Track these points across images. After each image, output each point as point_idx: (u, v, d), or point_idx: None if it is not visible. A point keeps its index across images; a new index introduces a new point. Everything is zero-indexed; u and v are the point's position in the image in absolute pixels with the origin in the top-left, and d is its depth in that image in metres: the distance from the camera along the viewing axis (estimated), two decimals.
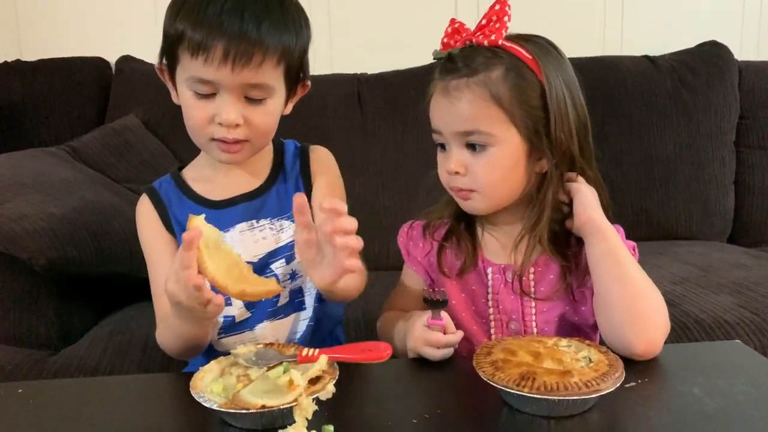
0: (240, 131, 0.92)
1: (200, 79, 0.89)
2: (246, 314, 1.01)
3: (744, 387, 0.75)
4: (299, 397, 0.66)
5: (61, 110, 1.89)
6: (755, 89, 1.99)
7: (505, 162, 0.88)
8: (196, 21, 0.87)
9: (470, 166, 0.89)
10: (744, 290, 1.39)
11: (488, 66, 0.87)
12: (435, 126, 0.92)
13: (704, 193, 1.90)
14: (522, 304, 0.93)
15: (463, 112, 0.87)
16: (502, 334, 0.94)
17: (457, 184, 0.91)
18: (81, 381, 1.02)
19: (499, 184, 0.90)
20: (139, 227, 1.04)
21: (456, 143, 0.90)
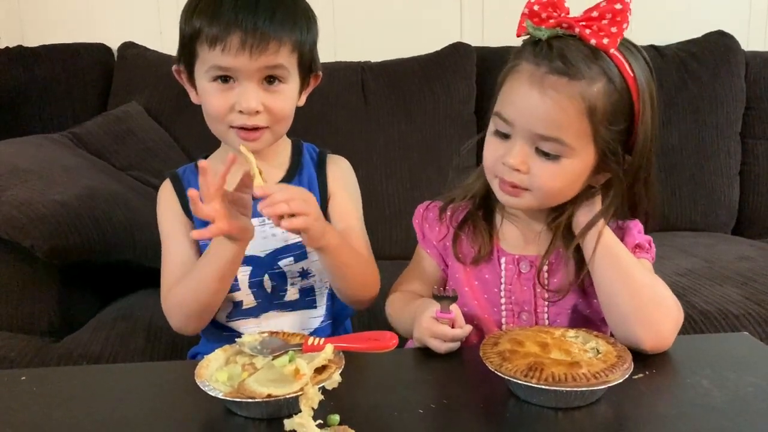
0: (260, 118, 0.94)
1: (220, 67, 0.93)
2: (253, 302, 1.03)
3: (752, 379, 0.75)
4: (305, 386, 0.66)
5: (63, 97, 1.88)
6: (762, 80, 1.97)
7: (572, 174, 0.84)
8: (212, 17, 0.91)
9: (534, 167, 0.83)
10: (749, 282, 1.39)
11: (592, 73, 0.80)
12: (508, 115, 0.84)
13: (709, 184, 1.89)
14: (535, 296, 0.92)
15: (553, 115, 0.80)
16: (514, 324, 0.92)
17: (512, 179, 0.85)
18: (84, 368, 1.02)
19: (558, 191, 0.86)
20: (159, 208, 1.06)
21: (526, 140, 0.83)
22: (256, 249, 1.01)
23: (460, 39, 1.99)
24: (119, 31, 1.98)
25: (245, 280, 1.02)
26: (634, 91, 0.82)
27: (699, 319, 1.24)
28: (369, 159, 1.79)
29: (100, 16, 2.03)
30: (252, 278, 1.02)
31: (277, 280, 1.03)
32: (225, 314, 1.03)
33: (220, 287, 0.95)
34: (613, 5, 0.79)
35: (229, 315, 1.04)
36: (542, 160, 0.83)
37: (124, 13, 2.03)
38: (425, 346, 0.84)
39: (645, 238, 0.91)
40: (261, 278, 1.02)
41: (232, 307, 1.03)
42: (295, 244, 1.02)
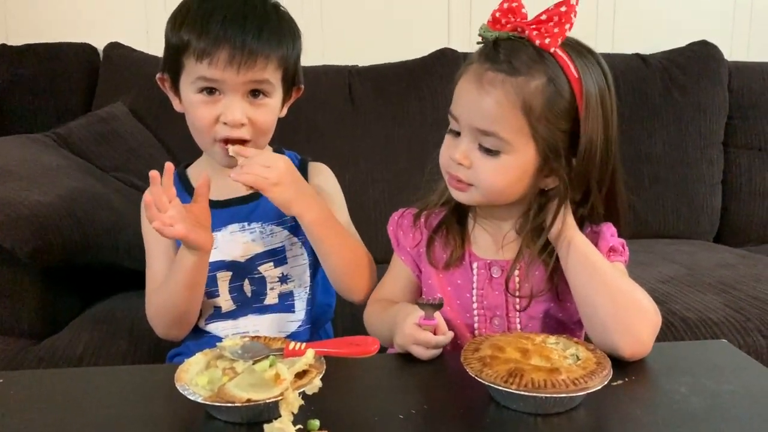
0: (244, 130, 0.96)
1: (206, 78, 0.94)
2: (232, 306, 1.04)
3: (730, 386, 0.75)
4: (285, 391, 0.66)
5: (48, 97, 1.86)
6: (744, 90, 2.00)
7: (513, 171, 0.85)
8: (200, 31, 0.92)
9: (476, 162, 0.86)
10: (729, 289, 1.40)
11: (531, 70, 0.82)
12: (455, 111, 0.87)
13: (692, 192, 1.91)
14: (506, 301, 0.92)
15: (488, 109, 0.83)
16: (486, 329, 0.93)
17: (459, 173, 0.87)
18: (63, 371, 1.01)
19: (501, 189, 0.87)
20: (142, 215, 1.06)
21: (470, 136, 0.86)
22: (236, 254, 1.02)
23: (448, 44, 2.00)
24: (105, 31, 1.96)
25: (225, 285, 1.03)
26: (578, 92, 0.83)
27: (679, 326, 1.25)
28: (355, 163, 1.79)
29: (85, 16, 2.02)
30: (232, 283, 1.03)
31: (256, 285, 1.03)
32: (204, 319, 1.04)
33: (191, 295, 0.97)
34: (559, 8, 0.83)
35: (208, 318, 1.04)
36: (484, 155, 0.85)
37: (110, 14, 2.02)
38: (408, 352, 0.84)
39: (618, 241, 0.91)
40: (241, 283, 1.03)
41: (212, 311, 1.03)
42: (275, 249, 1.03)
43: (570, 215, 0.87)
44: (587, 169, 0.85)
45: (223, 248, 1.02)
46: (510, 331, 0.91)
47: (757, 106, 1.99)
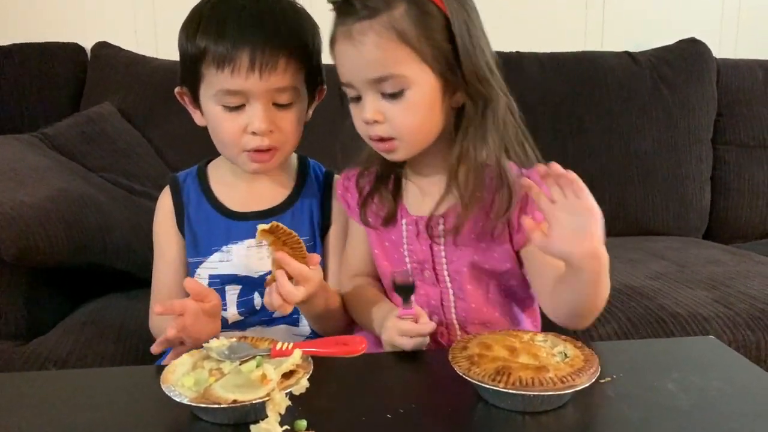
0: (272, 138, 0.93)
1: (229, 91, 0.90)
2: (239, 318, 1.02)
3: (718, 383, 0.76)
4: (272, 391, 0.66)
5: (35, 96, 1.85)
6: (732, 87, 2.01)
7: (423, 103, 0.85)
8: (218, 35, 0.89)
9: (388, 112, 0.85)
10: (719, 285, 1.40)
11: (389, 4, 0.82)
12: (345, 78, 0.87)
13: (681, 189, 1.92)
14: (432, 254, 0.93)
15: (371, 56, 0.83)
16: (420, 281, 0.95)
17: (377, 132, 0.87)
18: (48, 373, 1.00)
19: (419, 127, 0.87)
20: (155, 217, 1.06)
21: (369, 91, 0.85)
22: (250, 270, 1.00)
23: None
24: (93, 31, 1.95)
25: (233, 299, 1.00)
26: (438, 1, 0.83)
27: (669, 321, 1.25)
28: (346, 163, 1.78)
29: (73, 15, 2.01)
30: (241, 297, 1.01)
31: None
32: None
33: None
34: None
35: None
36: (390, 102, 0.85)
37: (99, 13, 2.01)
38: (395, 348, 0.85)
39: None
40: (251, 296, 1.01)
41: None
42: None
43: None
44: (477, 65, 0.85)
45: (237, 262, 1.00)
46: (439, 283, 0.94)
47: (745, 103, 2.00)
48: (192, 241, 1.01)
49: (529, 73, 1.92)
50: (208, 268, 1.00)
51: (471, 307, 0.95)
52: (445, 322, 0.96)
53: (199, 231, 1.01)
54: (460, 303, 0.95)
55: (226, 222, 0.99)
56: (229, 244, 0.99)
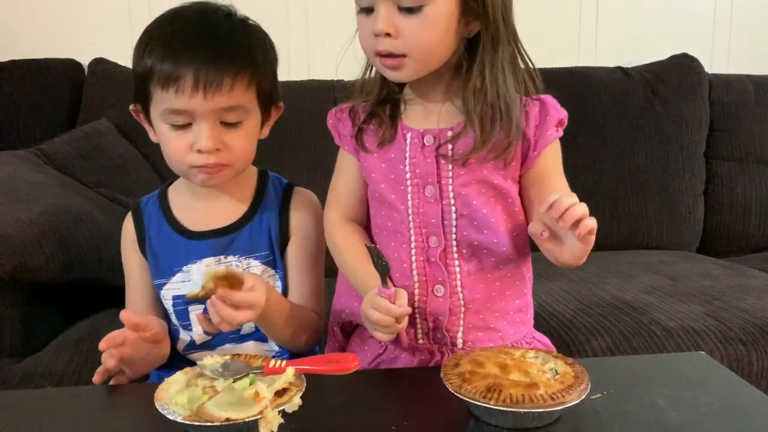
0: (220, 156, 0.92)
1: (174, 110, 0.90)
2: (206, 338, 1.01)
3: (708, 399, 0.76)
4: (265, 409, 0.66)
5: (32, 112, 1.86)
6: (725, 102, 2.03)
7: (440, 22, 0.83)
8: (163, 54, 0.89)
9: (402, 27, 0.83)
10: (711, 299, 1.41)
11: None
12: None
13: (674, 203, 1.93)
14: (438, 167, 0.90)
15: None
16: (419, 199, 0.91)
17: (386, 47, 0.84)
18: (42, 391, 1.00)
19: (432, 46, 0.85)
20: (121, 243, 1.07)
21: (385, 2, 0.83)
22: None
23: None
24: (90, 47, 1.96)
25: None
26: None
27: (662, 335, 1.26)
28: None
29: (70, 31, 2.02)
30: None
31: None
32: (182, 346, 1.03)
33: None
34: None
35: (185, 348, 1.03)
36: (407, 16, 0.83)
37: (95, 29, 2.02)
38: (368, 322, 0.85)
39: (563, 112, 0.93)
40: None
41: (189, 340, 1.02)
42: None
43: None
44: (495, 4, 0.85)
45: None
46: (443, 199, 0.91)
47: (737, 118, 2.02)
48: (154, 263, 1.01)
49: None
50: (171, 289, 1.00)
51: (474, 224, 0.91)
52: (444, 244, 0.92)
53: (160, 253, 1.01)
54: (463, 221, 0.91)
55: (185, 242, 0.99)
56: (189, 264, 0.99)
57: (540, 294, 1.47)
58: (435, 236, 0.92)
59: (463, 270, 0.92)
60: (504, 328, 0.94)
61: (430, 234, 0.92)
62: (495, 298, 0.94)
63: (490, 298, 0.93)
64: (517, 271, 0.95)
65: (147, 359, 0.92)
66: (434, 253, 0.91)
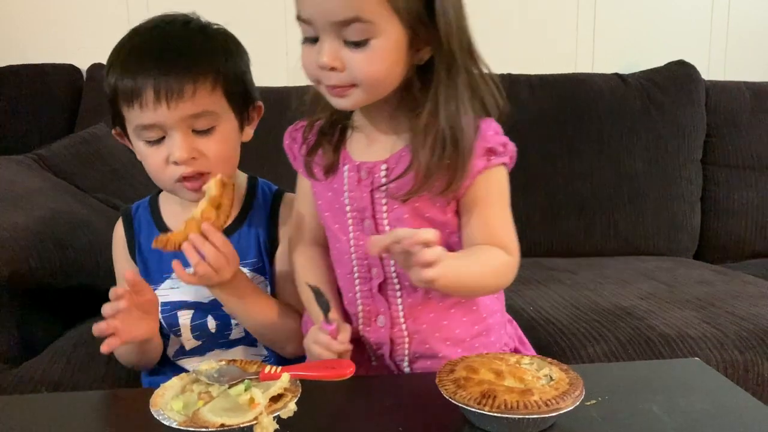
0: (197, 164, 0.92)
1: (143, 126, 0.90)
2: (196, 344, 1.02)
3: (702, 405, 0.76)
4: (260, 415, 0.66)
5: (30, 118, 1.87)
6: (721, 108, 2.03)
7: (389, 54, 0.79)
8: (122, 70, 0.89)
9: (348, 60, 0.79)
10: (708, 306, 1.42)
11: None
12: (304, 13, 0.80)
13: (671, 209, 1.94)
14: (372, 201, 0.88)
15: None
16: (359, 232, 0.90)
17: (332, 81, 0.81)
18: (39, 397, 1.00)
19: (380, 78, 0.81)
20: (112, 248, 1.08)
21: (331, 34, 0.79)
22: (199, 296, 1.00)
23: None
24: (88, 52, 1.97)
25: (187, 324, 1.01)
26: None
27: (658, 341, 1.26)
28: None
29: (69, 36, 2.03)
30: (194, 321, 1.01)
31: (221, 320, 1.01)
32: (172, 352, 1.03)
33: (143, 357, 0.99)
34: None
35: (175, 354, 1.03)
36: (353, 50, 0.79)
37: (94, 34, 2.03)
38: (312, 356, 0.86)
39: (499, 141, 0.86)
40: (204, 320, 1.01)
41: (178, 346, 1.03)
42: None
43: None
44: (450, 24, 0.80)
45: (186, 289, 1.00)
46: (378, 233, 0.88)
47: (734, 124, 2.03)
48: (143, 269, 1.02)
49: (520, 96, 1.94)
50: (161, 295, 1.00)
51: None
52: (384, 275, 0.90)
53: (150, 259, 1.02)
54: None
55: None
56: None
57: (536, 300, 1.48)
58: (375, 268, 0.90)
59: (405, 302, 0.90)
60: (457, 354, 0.89)
61: (371, 266, 0.90)
62: (447, 327, 0.91)
63: (439, 327, 0.91)
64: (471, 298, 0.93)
65: (134, 328, 0.91)
66: (375, 284, 0.90)
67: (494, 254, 0.86)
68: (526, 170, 1.89)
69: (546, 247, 1.92)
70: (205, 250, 0.87)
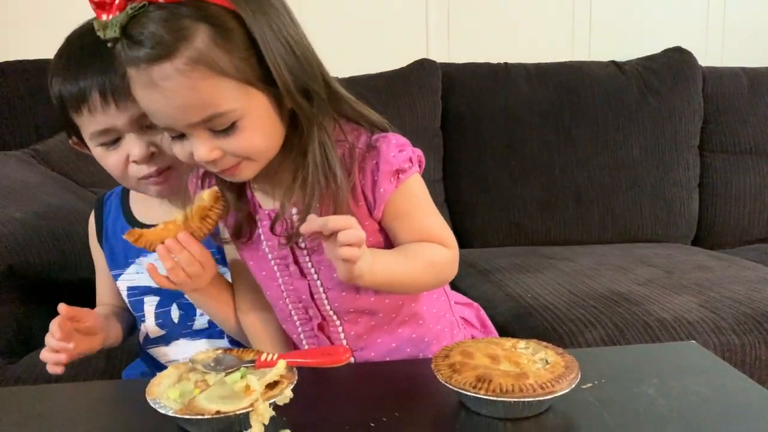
0: (157, 160, 0.90)
1: (98, 131, 0.88)
2: (160, 332, 1.03)
3: (698, 387, 0.77)
4: (255, 402, 0.67)
5: (27, 113, 1.86)
6: (718, 94, 2.03)
7: (262, 124, 0.76)
8: (64, 75, 0.87)
9: (226, 146, 0.75)
10: (705, 291, 1.42)
11: (185, 34, 0.69)
12: (160, 123, 0.76)
13: (669, 196, 1.94)
14: (292, 248, 0.85)
15: (187, 101, 0.71)
16: (287, 277, 0.88)
17: (219, 167, 0.78)
18: (38, 388, 1.00)
19: (266, 145, 0.78)
20: (89, 235, 1.09)
21: (196, 131, 0.75)
22: None
23: (426, 56, 2.02)
24: None
25: (151, 311, 1.01)
26: (232, 10, 0.71)
27: (655, 326, 1.26)
28: None
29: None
30: (158, 308, 1.01)
31: (185, 309, 1.01)
32: (142, 338, 1.05)
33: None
34: None
35: (144, 342, 1.05)
36: (226, 137, 0.75)
37: None
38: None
39: (403, 158, 0.82)
40: (168, 308, 1.01)
41: (146, 333, 1.04)
42: None
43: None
44: (287, 87, 0.75)
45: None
46: (305, 277, 0.87)
47: (731, 111, 2.03)
48: (110, 254, 1.03)
49: (517, 84, 1.94)
50: (126, 280, 1.01)
51: (342, 295, 0.87)
52: (321, 315, 0.89)
53: (115, 244, 1.02)
54: (332, 293, 0.87)
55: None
56: (140, 256, 0.99)
57: (533, 286, 1.48)
58: (311, 309, 0.89)
59: (349, 335, 0.89)
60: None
61: (307, 307, 0.89)
62: (396, 349, 0.91)
63: (389, 351, 0.91)
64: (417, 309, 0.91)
65: (81, 344, 0.92)
66: (315, 324, 0.89)
67: (429, 247, 0.84)
68: (523, 158, 1.89)
69: (543, 235, 1.92)
70: (181, 257, 0.83)
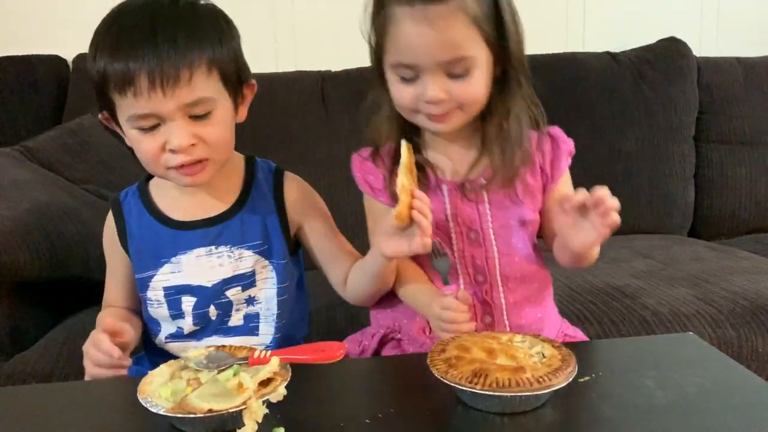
0: (197, 151, 0.89)
1: (138, 115, 0.87)
2: (195, 328, 1.01)
3: (696, 379, 0.76)
4: (248, 400, 0.66)
5: (16, 109, 1.85)
6: (713, 85, 2.02)
7: (484, 77, 0.90)
8: (112, 56, 0.85)
9: (453, 90, 0.88)
10: (702, 282, 1.41)
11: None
12: (409, 59, 0.88)
13: (665, 187, 1.93)
14: (479, 214, 0.96)
15: (447, 39, 0.85)
16: (463, 244, 0.97)
17: (435, 111, 0.90)
18: (26, 387, 1.00)
19: (481, 98, 0.91)
20: (103, 239, 1.06)
21: (436, 72, 0.88)
22: (202, 279, 0.98)
23: None
24: (74, 43, 1.93)
25: (189, 310, 0.99)
26: None
27: (651, 320, 1.26)
28: (331, 169, 1.78)
29: (54, 27, 2.00)
30: (196, 309, 0.99)
31: (222, 309, 0.99)
32: (164, 336, 1.02)
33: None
34: None
35: (168, 337, 1.02)
36: (457, 81, 0.88)
37: (80, 25, 1.97)
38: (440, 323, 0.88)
39: (570, 143, 1.00)
40: (206, 309, 0.99)
41: (174, 330, 1.01)
42: (243, 274, 0.98)
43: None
44: (517, 40, 0.91)
45: (188, 272, 0.97)
46: (485, 241, 0.97)
47: (726, 101, 2.02)
48: (137, 256, 1.00)
49: None
50: (161, 280, 0.98)
51: (514, 261, 0.98)
52: (489, 281, 0.98)
53: (143, 245, 0.99)
54: (504, 259, 0.98)
55: (171, 233, 0.97)
56: (178, 254, 0.97)
57: None
58: (481, 274, 0.98)
59: (508, 301, 0.99)
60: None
61: (477, 272, 0.98)
62: (540, 320, 1.02)
63: (535, 320, 1.01)
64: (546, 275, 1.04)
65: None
66: (483, 289, 0.98)
67: None
68: None
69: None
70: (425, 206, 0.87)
